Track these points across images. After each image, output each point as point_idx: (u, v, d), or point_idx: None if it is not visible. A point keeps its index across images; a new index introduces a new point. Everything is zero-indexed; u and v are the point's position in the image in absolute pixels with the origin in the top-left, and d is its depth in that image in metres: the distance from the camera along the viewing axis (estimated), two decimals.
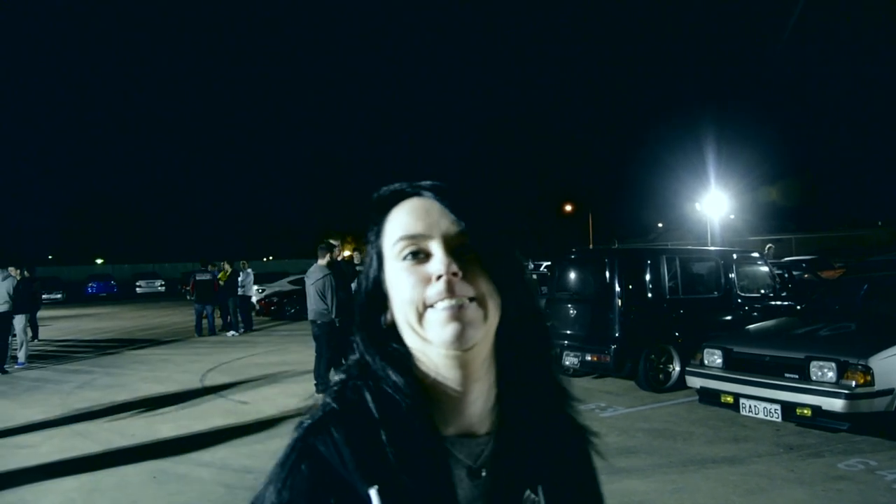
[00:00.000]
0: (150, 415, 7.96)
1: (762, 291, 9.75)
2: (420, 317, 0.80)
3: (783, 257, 24.07)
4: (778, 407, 6.17)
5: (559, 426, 0.91)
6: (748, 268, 9.83)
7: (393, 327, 0.86)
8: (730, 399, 6.64)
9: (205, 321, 17.03)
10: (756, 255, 10.32)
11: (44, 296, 36.69)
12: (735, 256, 9.71)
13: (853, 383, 5.72)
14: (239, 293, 17.30)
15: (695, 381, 7.14)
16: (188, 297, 26.76)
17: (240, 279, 17.31)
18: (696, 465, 5.55)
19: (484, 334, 0.81)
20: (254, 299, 19.70)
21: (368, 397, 0.80)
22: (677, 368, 8.52)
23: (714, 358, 6.96)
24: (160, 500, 5.13)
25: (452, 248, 0.82)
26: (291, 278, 23.87)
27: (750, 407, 6.41)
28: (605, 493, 0.96)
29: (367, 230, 0.91)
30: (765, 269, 10.04)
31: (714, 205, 30.74)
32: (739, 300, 9.40)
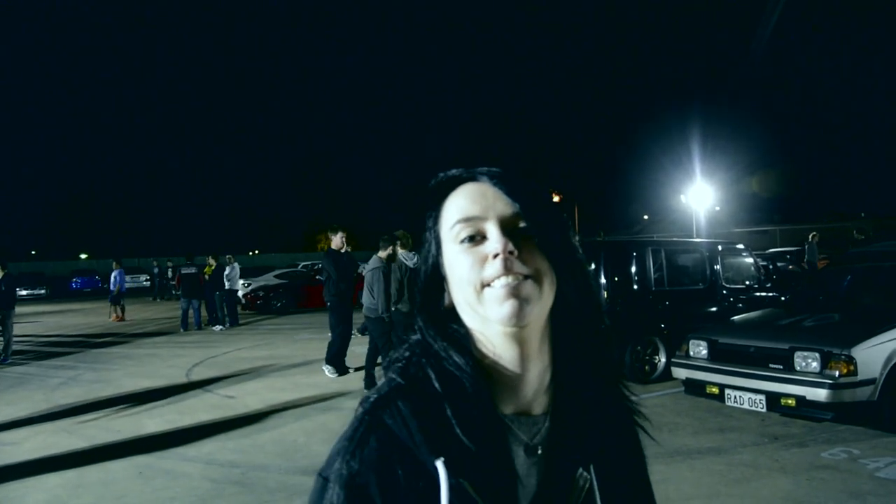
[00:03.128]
0: (136, 410, 7.91)
1: (747, 283, 9.82)
2: (479, 295, 0.83)
3: (767, 249, 24.26)
4: (763, 397, 6.22)
5: (612, 406, 0.93)
6: (733, 259, 9.89)
7: (452, 310, 0.90)
8: (715, 390, 6.69)
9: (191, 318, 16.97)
10: (741, 246, 10.38)
11: (26, 291, 36.59)
12: (720, 248, 9.77)
13: (837, 373, 5.77)
14: (225, 287, 17.24)
15: (680, 373, 7.18)
16: (174, 292, 26.60)
17: (226, 273, 17.25)
18: (682, 456, 5.59)
19: (539, 311, 0.84)
20: (240, 293, 19.61)
21: (432, 374, 0.83)
22: (663, 360, 8.56)
23: (699, 349, 7.00)
24: (146, 495, 5.10)
25: (508, 228, 0.85)
26: (277, 272, 23.78)
27: (735, 397, 6.46)
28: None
29: (424, 217, 0.95)
30: (749, 260, 10.11)
31: (699, 197, 30.88)
32: (725, 291, 9.45)
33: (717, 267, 9.45)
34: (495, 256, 0.83)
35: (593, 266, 8.70)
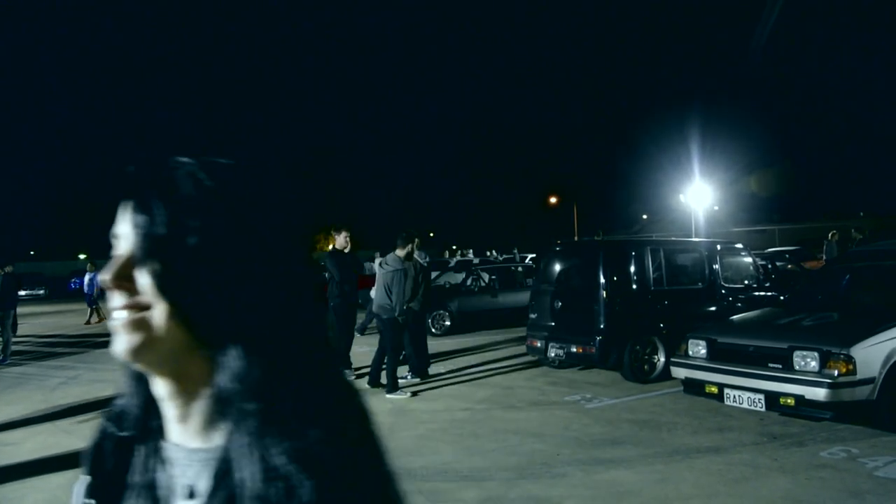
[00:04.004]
0: None
1: (746, 282, 9.82)
2: None
3: (766, 248, 24.27)
4: (762, 396, 6.22)
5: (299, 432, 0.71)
6: (732, 259, 9.90)
7: None
8: (714, 389, 6.69)
9: None
10: (740, 245, 10.39)
11: (25, 292, 36.51)
12: (719, 248, 9.77)
13: (836, 372, 5.77)
14: None
15: (679, 372, 7.18)
16: None
17: None
18: (681, 455, 5.59)
19: (156, 346, 0.74)
20: None
21: (115, 406, 0.89)
22: (662, 359, 8.57)
23: (698, 349, 7.00)
24: None
25: (135, 249, 0.75)
26: None
27: (734, 397, 6.46)
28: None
29: None
30: (748, 259, 10.11)
31: (698, 196, 30.86)
32: (724, 291, 9.45)
33: (716, 266, 9.45)
34: None
35: (593, 266, 8.72)
